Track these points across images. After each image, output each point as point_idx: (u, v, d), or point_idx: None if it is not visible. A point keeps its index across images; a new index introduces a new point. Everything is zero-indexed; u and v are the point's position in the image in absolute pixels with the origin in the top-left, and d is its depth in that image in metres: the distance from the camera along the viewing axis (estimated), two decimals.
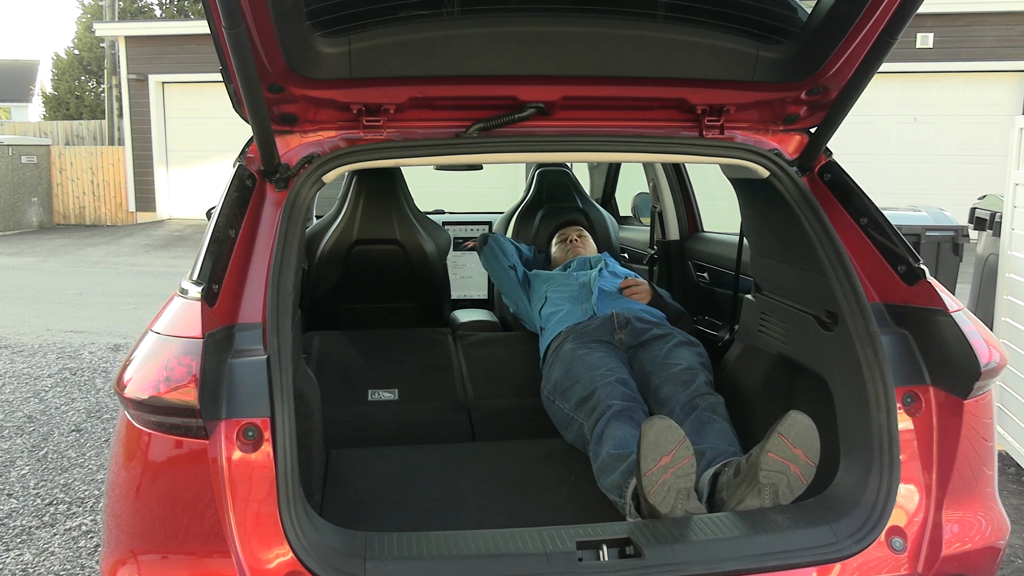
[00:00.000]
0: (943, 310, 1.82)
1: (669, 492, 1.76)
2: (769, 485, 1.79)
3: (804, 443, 1.78)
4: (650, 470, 1.74)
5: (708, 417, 2.27)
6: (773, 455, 1.78)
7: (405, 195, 3.68)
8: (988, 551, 1.82)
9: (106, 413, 4.59)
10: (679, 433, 1.77)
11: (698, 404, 2.32)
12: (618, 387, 2.39)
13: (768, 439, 1.78)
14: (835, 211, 2.06)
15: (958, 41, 12.52)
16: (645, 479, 1.74)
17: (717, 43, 1.95)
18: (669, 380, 2.46)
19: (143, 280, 9.43)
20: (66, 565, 2.93)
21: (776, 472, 1.78)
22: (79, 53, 22.91)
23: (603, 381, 2.40)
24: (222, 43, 1.59)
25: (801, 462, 1.78)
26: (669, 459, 1.75)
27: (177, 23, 16.45)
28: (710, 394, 2.37)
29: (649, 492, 1.74)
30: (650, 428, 1.76)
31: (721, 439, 2.18)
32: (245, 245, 1.82)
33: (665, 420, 1.78)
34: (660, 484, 1.75)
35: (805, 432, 1.78)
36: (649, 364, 2.59)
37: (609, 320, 2.76)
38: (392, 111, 2.00)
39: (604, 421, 2.25)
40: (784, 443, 1.77)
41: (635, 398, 2.40)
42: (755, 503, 1.80)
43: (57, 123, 17.46)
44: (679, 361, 2.53)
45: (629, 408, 2.31)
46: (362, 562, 1.58)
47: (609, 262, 3.28)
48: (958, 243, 4.37)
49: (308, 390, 2.15)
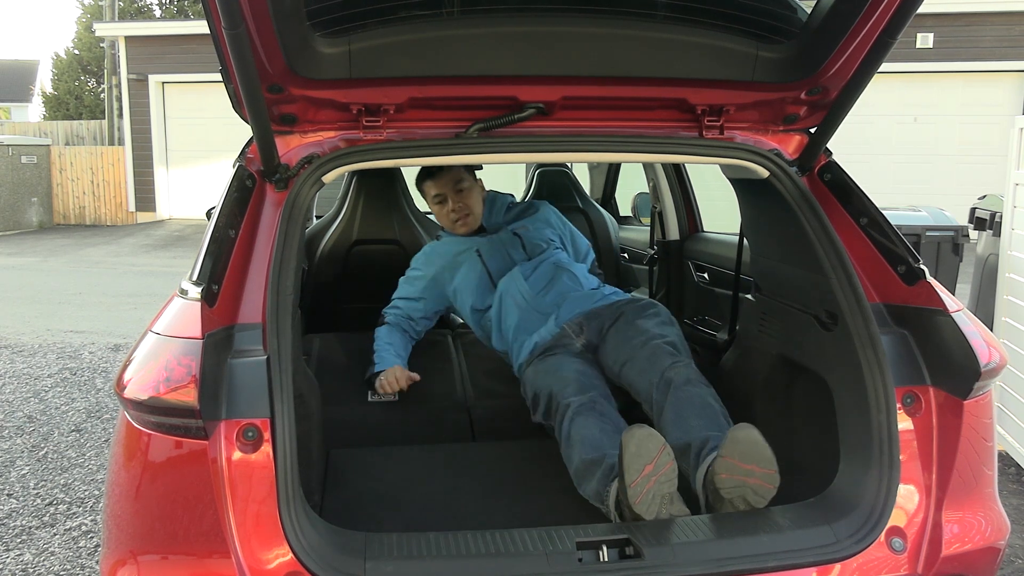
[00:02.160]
0: (943, 310, 1.82)
1: (653, 499, 1.76)
2: (736, 497, 1.81)
3: (753, 457, 1.78)
4: (634, 481, 1.75)
5: (687, 393, 2.18)
6: (725, 475, 1.80)
7: (405, 195, 3.68)
8: (988, 551, 1.82)
9: (106, 413, 4.59)
10: (659, 440, 1.78)
11: (672, 379, 2.22)
12: (572, 381, 2.32)
13: (715, 460, 1.81)
14: (835, 211, 2.06)
15: (958, 41, 12.53)
16: (630, 490, 1.75)
17: (717, 43, 1.95)
18: (633, 363, 2.37)
19: (143, 280, 9.43)
20: (66, 565, 2.93)
21: (735, 487, 1.79)
22: (79, 53, 22.91)
23: (555, 378, 2.36)
24: (222, 43, 1.59)
25: (757, 473, 1.79)
26: (652, 467, 1.76)
27: (177, 23, 16.46)
28: (678, 362, 2.28)
29: (634, 502, 1.75)
30: (631, 439, 1.77)
31: (704, 420, 2.11)
32: (245, 245, 1.82)
33: (645, 429, 1.79)
34: (644, 493, 1.75)
35: (750, 448, 1.79)
36: (612, 353, 2.48)
37: (562, 333, 2.62)
38: (392, 111, 2.00)
39: (568, 421, 2.20)
40: (732, 463, 1.79)
41: (594, 386, 2.33)
42: (731, 510, 1.82)
43: (57, 123, 17.47)
44: (635, 336, 2.44)
45: (589, 401, 2.24)
46: (362, 562, 1.58)
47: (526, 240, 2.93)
48: (958, 243, 4.38)
49: (308, 390, 2.15)
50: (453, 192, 2.90)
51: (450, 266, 2.96)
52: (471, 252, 2.94)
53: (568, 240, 3.08)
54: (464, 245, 2.98)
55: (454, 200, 2.91)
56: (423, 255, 3.07)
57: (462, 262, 2.94)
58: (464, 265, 2.93)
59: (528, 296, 2.77)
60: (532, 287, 2.79)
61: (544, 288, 2.78)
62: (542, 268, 2.84)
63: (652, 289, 3.78)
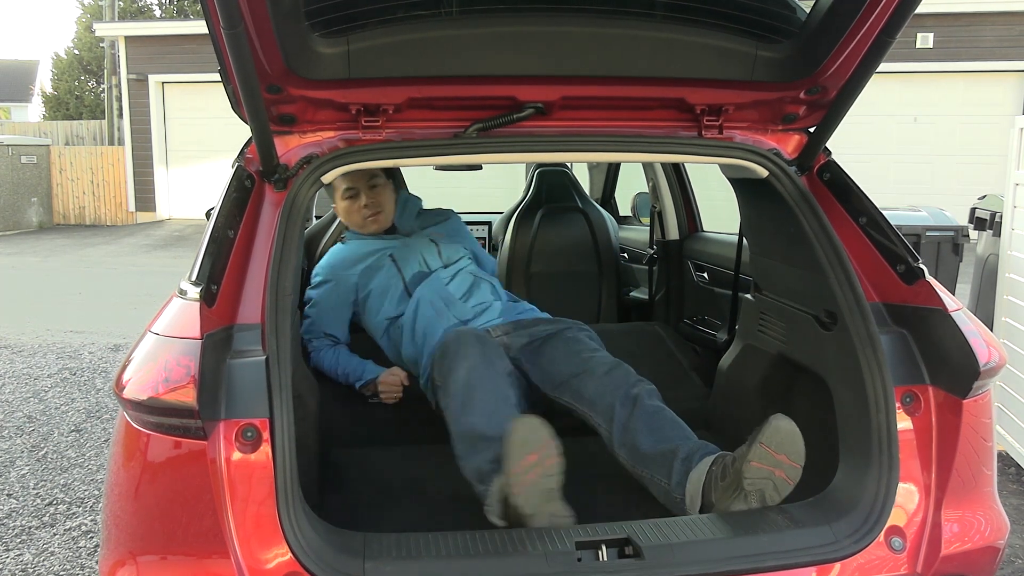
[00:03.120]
0: (942, 310, 1.82)
1: (533, 492, 1.75)
2: (755, 491, 1.80)
3: (787, 448, 1.78)
4: (515, 469, 1.73)
5: (656, 408, 2.15)
6: (757, 464, 1.78)
7: None
8: (987, 551, 1.82)
9: (106, 413, 4.59)
10: (546, 433, 1.77)
11: (639, 395, 2.18)
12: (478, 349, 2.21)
13: (751, 448, 1.79)
14: (834, 210, 2.06)
15: (958, 41, 12.52)
16: (511, 478, 1.73)
17: (716, 43, 1.95)
18: (589, 376, 2.28)
19: (143, 280, 9.43)
20: (66, 565, 2.93)
21: (761, 479, 1.79)
22: (79, 53, 22.92)
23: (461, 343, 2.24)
24: (221, 44, 1.59)
25: (786, 466, 1.78)
26: (535, 458, 1.74)
27: (177, 23, 16.46)
28: (642, 380, 2.25)
29: (513, 491, 1.73)
30: (519, 425, 1.76)
31: (680, 430, 2.10)
32: (244, 246, 1.82)
33: (534, 419, 1.78)
34: (525, 484, 1.74)
35: (788, 437, 1.78)
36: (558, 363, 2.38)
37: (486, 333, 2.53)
38: (391, 111, 2.00)
39: (467, 372, 2.11)
40: (767, 451, 1.78)
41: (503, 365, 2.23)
42: (742, 506, 1.81)
43: (57, 123, 17.47)
44: (584, 350, 2.37)
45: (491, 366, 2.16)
46: (361, 562, 1.58)
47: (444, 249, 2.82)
48: (958, 243, 4.37)
49: (307, 390, 2.15)
50: (366, 187, 2.77)
51: (361, 271, 2.79)
52: (384, 255, 2.79)
53: (478, 253, 3.03)
54: (374, 247, 2.82)
55: (367, 196, 2.77)
56: (329, 261, 2.88)
57: (375, 267, 2.78)
58: (377, 270, 2.77)
59: (448, 301, 2.67)
60: (450, 288, 2.71)
61: (464, 296, 2.71)
62: (460, 276, 2.76)
63: (652, 289, 3.78)
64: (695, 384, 2.91)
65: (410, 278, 2.74)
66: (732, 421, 2.51)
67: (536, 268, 4.00)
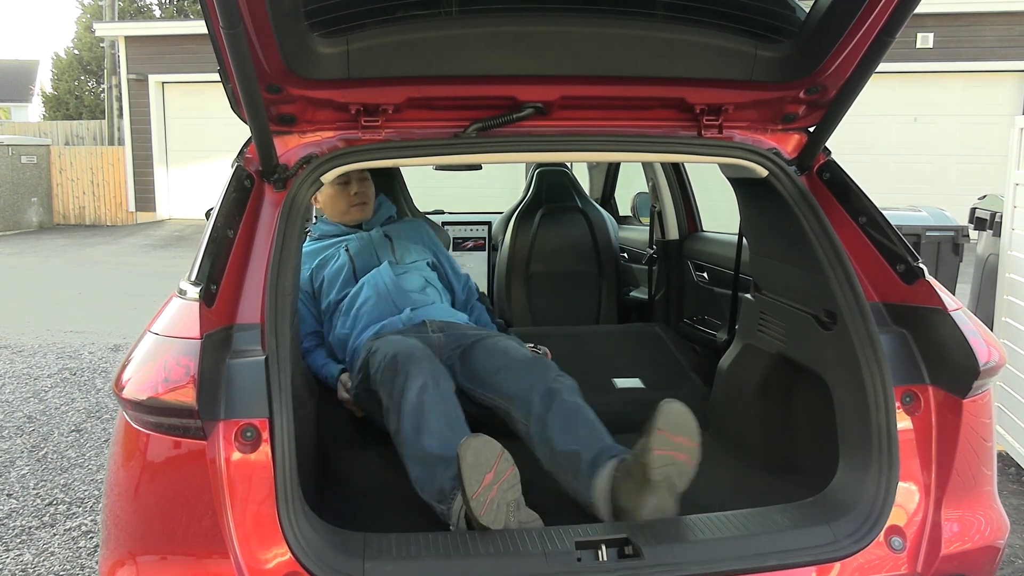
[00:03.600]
0: (942, 309, 1.82)
1: (499, 508, 1.74)
2: (663, 479, 1.79)
3: (683, 430, 1.80)
4: (476, 492, 1.72)
5: (572, 405, 2.12)
6: (659, 451, 1.78)
7: (404, 195, 3.67)
8: (987, 550, 1.82)
9: (106, 413, 4.59)
10: (496, 447, 1.76)
11: (557, 389, 2.14)
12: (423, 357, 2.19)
13: (650, 437, 1.78)
14: (834, 210, 2.06)
15: (958, 41, 12.52)
16: (473, 502, 1.72)
17: (715, 42, 1.95)
18: (510, 370, 2.27)
19: (143, 280, 9.43)
20: (66, 565, 2.93)
21: (665, 466, 1.78)
22: (79, 53, 22.92)
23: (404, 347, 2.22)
24: (220, 44, 1.59)
25: (685, 447, 1.79)
26: (492, 475, 1.73)
27: (177, 23, 16.46)
28: (561, 374, 2.21)
29: (479, 514, 1.72)
30: (467, 449, 1.73)
31: (593, 430, 2.06)
32: (243, 246, 1.82)
33: (480, 437, 1.77)
34: (488, 503, 1.72)
35: (681, 419, 1.80)
36: (482, 360, 2.38)
37: (420, 325, 2.58)
38: (390, 111, 2.00)
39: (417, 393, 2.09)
40: (665, 437, 1.78)
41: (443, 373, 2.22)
42: (654, 501, 1.79)
43: (57, 123, 17.47)
44: (510, 350, 2.37)
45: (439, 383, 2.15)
46: (361, 562, 1.58)
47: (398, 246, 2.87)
48: (958, 243, 4.37)
49: (307, 390, 2.15)
50: (357, 178, 2.88)
51: (319, 264, 2.86)
52: (339, 247, 2.85)
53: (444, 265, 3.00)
54: (332, 239, 2.90)
55: (358, 185, 2.88)
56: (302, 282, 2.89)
57: (329, 257, 2.85)
58: (332, 259, 2.84)
59: (391, 285, 2.70)
60: (399, 281, 2.73)
61: (409, 290, 2.73)
62: (412, 275, 2.79)
63: (651, 289, 3.78)
64: (695, 384, 2.91)
65: (359, 269, 2.80)
66: (732, 421, 2.52)
67: (536, 268, 4.01)
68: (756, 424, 2.39)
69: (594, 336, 3.32)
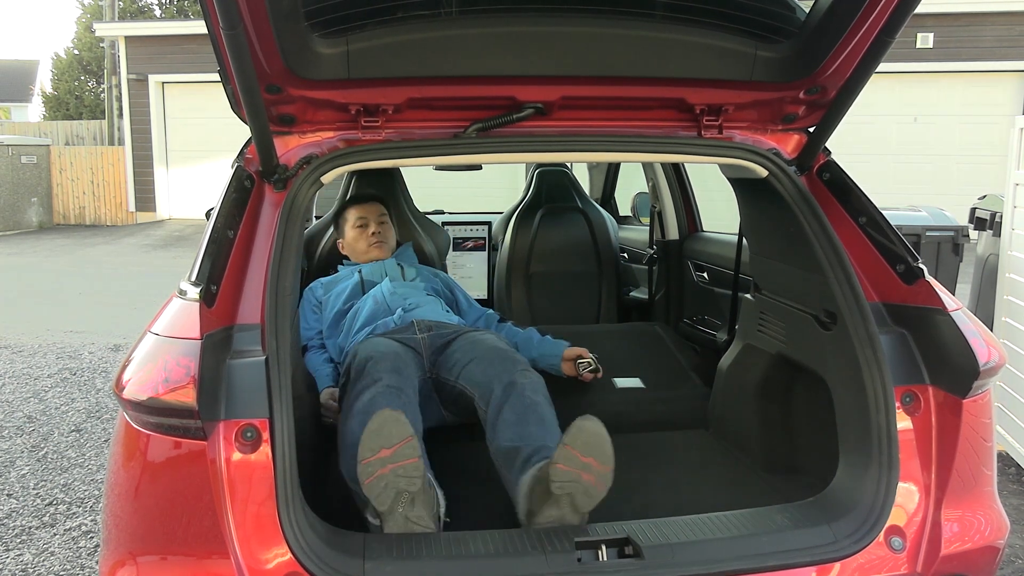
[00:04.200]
0: (942, 309, 1.82)
1: (387, 489, 1.69)
2: (564, 495, 1.74)
3: (594, 451, 1.72)
4: (367, 459, 1.68)
5: (531, 400, 2.10)
6: (562, 466, 1.72)
7: (404, 195, 3.68)
8: (987, 550, 1.82)
9: (106, 413, 4.59)
10: (407, 431, 1.71)
11: (518, 383, 2.13)
12: (392, 362, 2.22)
13: (556, 449, 1.75)
14: (834, 210, 2.06)
15: (958, 41, 12.52)
16: (360, 467, 1.69)
17: (715, 43, 1.95)
18: (479, 361, 2.29)
19: (143, 280, 9.43)
20: (66, 565, 2.93)
21: (568, 483, 1.72)
22: (79, 53, 22.92)
23: (377, 352, 2.25)
24: (220, 44, 1.59)
25: (594, 469, 1.72)
26: (389, 453, 1.69)
27: (177, 23, 16.46)
28: (529, 370, 2.21)
29: (364, 482, 1.68)
30: (377, 418, 1.71)
31: (542, 428, 2.04)
32: (244, 246, 1.82)
33: (396, 413, 1.73)
34: (376, 477, 1.68)
35: (594, 439, 1.73)
36: (458, 353, 2.42)
37: (408, 326, 2.62)
38: (390, 111, 2.00)
39: (369, 394, 2.09)
40: (572, 453, 1.72)
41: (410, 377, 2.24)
42: (555, 513, 1.76)
43: (57, 123, 17.47)
44: (485, 342, 2.41)
45: (398, 387, 2.14)
46: (361, 562, 1.58)
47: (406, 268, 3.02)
48: (958, 243, 4.37)
49: (307, 391, 2.15)
50: (376, 220, 3.09)
51: (333, 281, 2.98)
52: (354, 270, 2.98)
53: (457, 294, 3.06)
54: (351, 270, 3.01)
55: (376, 226, 3.08)
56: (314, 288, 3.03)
57: (343, 277, 2.98)
58: (344, 279, 2.96)
59: (387, 293, 2.79)
60: (396, 289, 2.82)
61: (405, 296, 2.79)
62: (416, 291, 2.86)
63: (652, 289, 3.78)
64: (695, 384, 2.91)
65: (367, 282, 2.92)
66: (732, 421, 2.52)
67: (536, 268, 4.01)
68: (756, 424, 2.39)
69: (594, 335, 3.32)
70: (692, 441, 2.60)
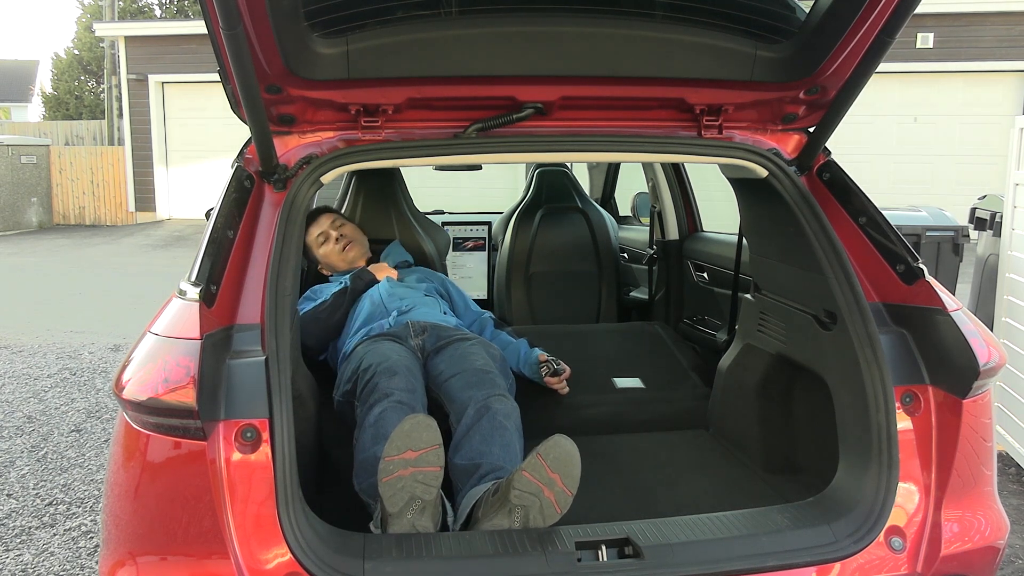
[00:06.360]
0: (942, 309, 1.82)
1: (402, 492, 1.69)
2: (520, 507, 1.72)
3: (562, 468, 1.71)
4: (391, 456, 1.68)
5: (500, 424, 2.11)
6: (528, 475, 1.71)
7: (404, 195, 3.68)
8: (987, 551, 1.82)
9: (106, 413, 4.59)
10: (436, 439, 1.71)
11: (492, 407, 2.15)
12: (400, 372, 2.25)
13: (526, 458, 1.74)
14: (834, 210, 2.06)
15: (958, 41, 12.52)
16: (382, 463, 1.69)
17: (715, 43, 1.95)
18: (462, 377, 2.31)
19: (143, 280, 9.43)
20: (66, 565, 2.93)
21: (528, 494, 1.71)
22: (79, 53, 22.93)
23: (384, 361, 2.28)
24: (220, 44, 1.59)
25: (557, 488, 1.70)
26: (414, 456, 1.69)
27: (177, 23, 16.46)
28: (505, 396, 2.22)
29: (382, 479, 1.69)
30: (411, 420, 1.72)
31: (506, 452, 2.05)
32: (243, 246, 1.82)
33: (428, 419, 1.74)
34: (395, 477, 1.68)
35: (565, 457, 1.71)
36: (444, 363, 2.44)
37: (403, 327, 2.64)
38: (390, 111, 2.00)
39: (380, 408, 2.12)
40: (541, 464, 1.71)
41: (417, 387, 2.28)
42: (504, 523, 1.73)
43: (57, 123, 17.47)
44: (473, 358, 2.41)
45: (409, 401, 2.18)
46: (361, 562, 1.58)
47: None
48: (958, 243, 4.37)
49: (307, 390, 2.15)
50: (334, 229, 3.14)
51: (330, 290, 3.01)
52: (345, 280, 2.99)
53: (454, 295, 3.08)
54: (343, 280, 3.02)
55: (336, 232, 3.14)
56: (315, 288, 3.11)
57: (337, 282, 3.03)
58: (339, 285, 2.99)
59: (384, 295, 2.83)
60: (393, 289, 2.86)
61: (402, 297, 2.83)
62: (414, 292, 2.90)
63: (652, 289, 3.78)
64: (695, 384, 2.91)
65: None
66: (732, 421, 2.52)
67: (536, 268, 4.01)
68: (756, 424, 2.39)
69: (594, 335, 3.32)
70: (692, 441, 2.60)
